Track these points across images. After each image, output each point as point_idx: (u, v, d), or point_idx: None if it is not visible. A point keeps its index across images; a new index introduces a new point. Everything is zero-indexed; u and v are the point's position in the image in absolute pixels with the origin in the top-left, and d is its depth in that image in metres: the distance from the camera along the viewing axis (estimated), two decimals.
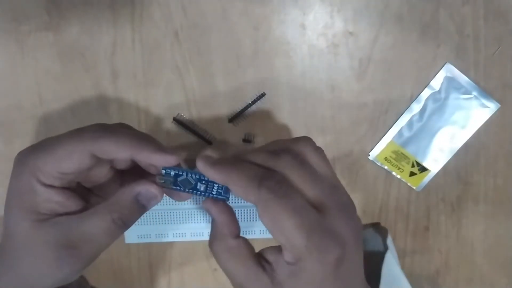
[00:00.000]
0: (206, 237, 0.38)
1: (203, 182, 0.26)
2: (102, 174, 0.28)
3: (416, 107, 0.36)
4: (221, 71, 0.35)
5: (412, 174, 0.38)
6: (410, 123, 0.37)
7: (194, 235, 0.38)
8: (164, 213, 0.37)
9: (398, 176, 0.38)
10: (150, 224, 0.37)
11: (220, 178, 0.24)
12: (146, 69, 0.35)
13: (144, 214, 0.36)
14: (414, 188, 0.38)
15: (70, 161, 0.25)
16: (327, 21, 0.35)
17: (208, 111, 0.36)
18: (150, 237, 0.38)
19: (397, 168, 0.37)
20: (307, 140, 0.26)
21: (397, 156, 0.37)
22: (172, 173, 0.26)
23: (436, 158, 0.37)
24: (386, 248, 0.33)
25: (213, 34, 0.34)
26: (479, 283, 0.40)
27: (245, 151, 0.25)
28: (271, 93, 0.36)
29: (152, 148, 0.25)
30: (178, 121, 0.36)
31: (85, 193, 0.27)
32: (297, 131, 0.37)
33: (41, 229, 0.25)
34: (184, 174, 0.26)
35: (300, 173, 0.24)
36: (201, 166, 0.25)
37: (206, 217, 0.37)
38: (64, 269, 0.25)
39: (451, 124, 0.37)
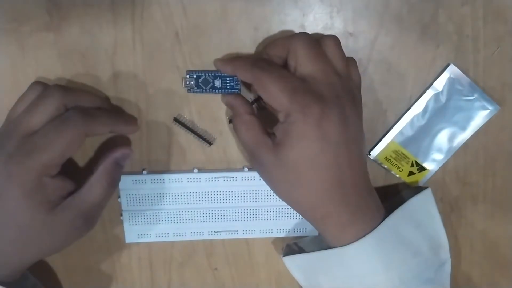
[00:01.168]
0: (206, 236, 0.38)
1: (218, 78, 0.34)
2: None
3: (418, 107, 0.36)
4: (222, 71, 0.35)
5: (410, 173, 0.38)
6: (411, 123, 0.37)
7: (194, 235, 0.38)
8: (164, 212, 0.37)
9: (397, 176, 0.38)
10: (151, 223, 0.37)
11: (230, 68, 0.33)
12: (146, 70, 0.35)
13: (145, 214, 0.37)
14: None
15: (72, 149, 0.29)
16: (327, 22, 0.35)
17: (208, 111, 0.36)
18: (150, 237, 0.38)
19: (397, 167, 0.38)
20: (331, 36, 0.31)
21: (398, 155, 0.37)
22: (194, 76, 0.34)
23: (436, 159, 0.37)
24: None
25: (213, 34, 0.34)
26: (478, 283, 0.40)
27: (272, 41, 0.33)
28: None
29: (124, 122, 0.34)
30: (178, 121, 0.36)
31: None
32: None
33: (56, 214, 0.30)
34: (203, 75, 0.34)
35: (306, 51, 0.29)
36: (217, 63, 0.34)
37: (206, 216, 0.38)
38: (82, 233, 0.32)
39: (452, 125, 0.37)
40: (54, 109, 0.30)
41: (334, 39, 0.31)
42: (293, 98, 0.28)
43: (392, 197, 0.37)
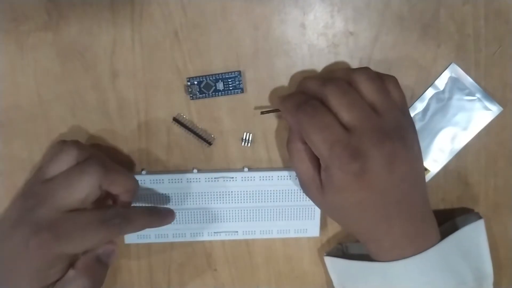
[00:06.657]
0: (206, 237, 0.38)
1: (220, 81, 0.34)
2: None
3: (419, 106, 0.36)
4: (221, 71, 0.35)
5: None
6: None
7: (194, 235, 0.38)
8: None
9: None
10: None
11: (279, 106, 0.32)
12: (146, 69, 0.35)
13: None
14: None
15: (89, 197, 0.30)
16: (328, 21, 0.35)
17: (208, 111, 0.36)
18: (150, 238, 0.38)
19: None
20: (362, 71, 0.30)
21: None
22: (195, 82, 0.34)
23: (436, 159, 0.37)
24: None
25: (213, 34, 0.34)
26: None
27: (307, 79, 0.32)
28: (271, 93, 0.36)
29: (160, 219, 0.34)
30: (177, 121, 0.36)
31: None
32: None
33: None
34: (204, 79, 0.34)
35: (338, 100, 0.28)
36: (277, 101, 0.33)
37: (205, 217, 0.37)
38: None
39: (453, 125, 0.37)
40: (90, 189, 0.29)
41: (374, 80, 0.30)
42: (332, 151, 0.28)
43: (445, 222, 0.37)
